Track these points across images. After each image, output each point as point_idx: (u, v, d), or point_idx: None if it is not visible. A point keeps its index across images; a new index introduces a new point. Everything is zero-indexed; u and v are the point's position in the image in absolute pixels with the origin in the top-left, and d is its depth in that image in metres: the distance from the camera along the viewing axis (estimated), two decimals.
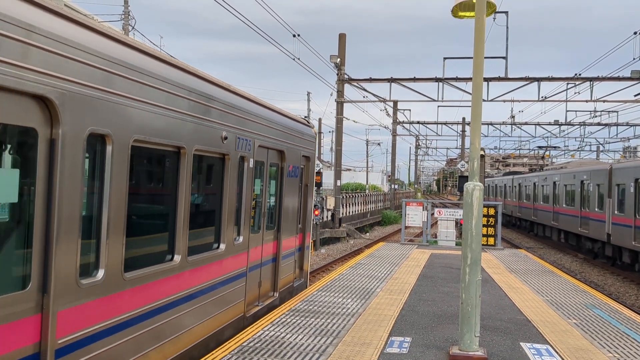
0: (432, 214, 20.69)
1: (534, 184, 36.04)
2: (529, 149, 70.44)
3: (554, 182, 31.11)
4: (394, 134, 53.37)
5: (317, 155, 12.96)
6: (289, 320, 8.20)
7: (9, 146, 4.28)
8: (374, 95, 33.91)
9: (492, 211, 19.22)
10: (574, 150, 62.86)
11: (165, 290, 6.12)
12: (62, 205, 4.46)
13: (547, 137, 52.95)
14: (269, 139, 9.25)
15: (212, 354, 6.51)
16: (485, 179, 57.26)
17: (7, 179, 4.19)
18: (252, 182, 8.69)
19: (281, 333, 7.48)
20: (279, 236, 10.10)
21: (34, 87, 4.09)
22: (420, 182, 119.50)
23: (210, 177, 7.66)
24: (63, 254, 4.46)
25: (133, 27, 28.39)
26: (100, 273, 5.01)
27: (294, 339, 7.21)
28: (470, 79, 28.72)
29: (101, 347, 5.04)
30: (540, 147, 42.81)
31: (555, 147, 47.42)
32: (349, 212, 37.34)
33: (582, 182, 26.11)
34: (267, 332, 7.48)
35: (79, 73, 4.58)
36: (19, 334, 4.16)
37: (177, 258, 6.38)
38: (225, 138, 7.49)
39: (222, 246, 7.62)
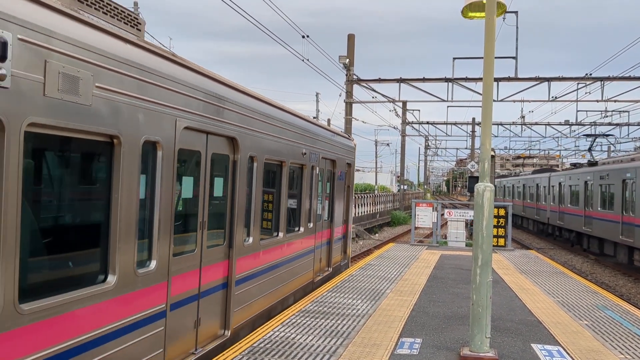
0: (442, 214, 20.64)
1: (586, 183, 27.05)
2: (538, 148, 70.13)
3: (624, 180, 22.10)
4: (403, 135, 53.26)
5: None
6: (299, 321, 8.21)
7: (219, 165, 7.39)
8: (383, 95, 33.80)
9: (502, 212, 19.15)
10: (584, 150, 62.58)
11: (277, 254, 9.40)
12: (239, 200, 7.70)
13: (558, 137, 52.63)
14: (327, 152, 12.53)
15: (224, 354, 6.53)
16: (506, 178, 54.24)
17: (219, 184, 7.43)
18: (318, 184, 11.93)
19: (291, 334, 7.50)
20: (331, 225, 13.45)
21: (231, 132, 7.40)
22: (429, 183, 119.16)
23: (296, 181, 10.71)
24: (239, 227, 7.72)
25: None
26: (250, 240, 8.20)
27: (304, 340, 7.23)
28: (480, 79, 28.61)
29: (251, 284, 8.25)
30: (588, 136, 33.68)
31: (607, 134, 37.90)
32: (358, 213, 37.30)
33: None
34: (277, 333, 7.50)
35: (248, 122, 7.91)
36: (222, 269, 7.40)
37: (280, 234, 9.64)
38: (304, 153, 10.75)
39: (302, 229, 10.84)
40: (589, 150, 31.32)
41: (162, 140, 5.74)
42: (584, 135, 40.92)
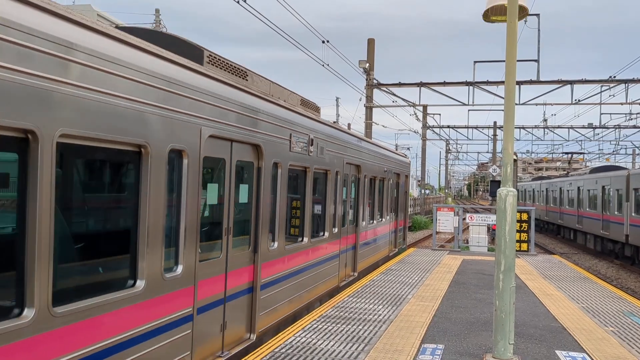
0: (464, 219, 20.49)
1: None
2: (561, 151, 69.20)
3: None
4: (424, 139, 53.01)
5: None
6: (320, 326, 8.20)
7: (353, 181, 13.03)
8: (403, 99, 33.68)
9: (525, 216, 18.95)
10: (609, 153, 61.66)
11: (374, 233, 15.28)
12: (359, 200, 13.46)
13: (581, 140, 51.88)
14: (395, 167, 18.12)
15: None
16: (548, 180, 43.08)
17: (353, 191, 13.14)
18: (390, 190, 17.45)
19: (312, 339, 7.49)
20: (397, 219, 18.99)
21: (358, 162, 13.19)
22: (450, 187, 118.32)
23: (381, 190, 16.11)
24: (358, 215, 13.45)
25: None
26: (364, 223, 14.12)
27: (326, 346, 7.21)
28: (501, 82, 28.35)
29: (366, 247, 14.34)
30: None
31: None
32: None
33: None
34: (298, 339, 7.49)
35: (364, 156, 13.69)
36: (352, 239, 13.17)
37: (375, 222, 15.34)
38: (385, 171, 16.26)
39: (384, 220, 16.52)
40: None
41: (340, 170, 11.52)
42: None
